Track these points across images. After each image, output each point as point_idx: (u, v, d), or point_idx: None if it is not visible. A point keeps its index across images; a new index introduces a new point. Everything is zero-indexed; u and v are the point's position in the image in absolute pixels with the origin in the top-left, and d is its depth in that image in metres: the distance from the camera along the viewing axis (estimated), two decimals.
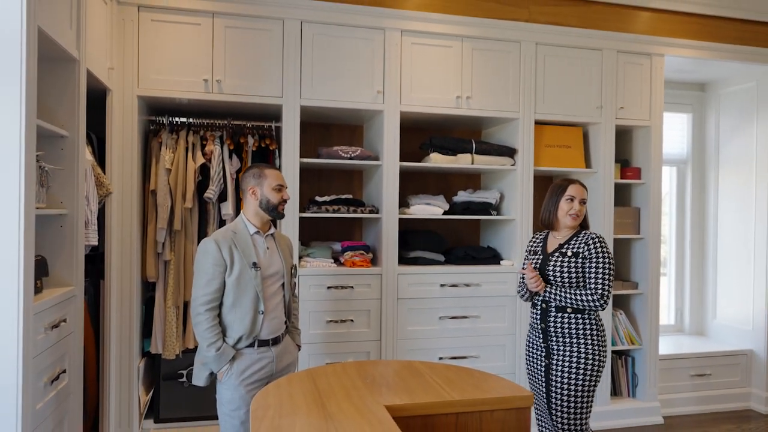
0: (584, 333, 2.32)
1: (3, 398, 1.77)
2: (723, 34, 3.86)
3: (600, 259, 2.32)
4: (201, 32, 3.06)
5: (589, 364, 2.31)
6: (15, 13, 1.77)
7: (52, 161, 2.25)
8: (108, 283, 2.94)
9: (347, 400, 1.59)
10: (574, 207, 2.40)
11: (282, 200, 2.29)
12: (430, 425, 1.60)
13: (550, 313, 2.39)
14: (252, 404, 1.55)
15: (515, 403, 1.66)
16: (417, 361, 2.05)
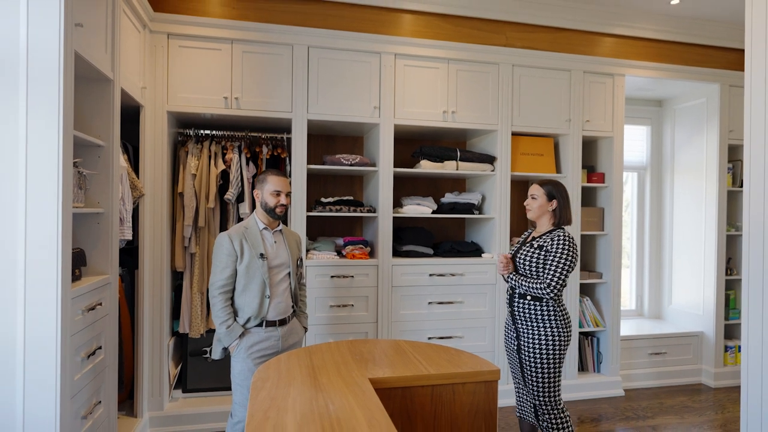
0: (544, 317, 2.28)
1: (44, 371, 1.77)
2: (677, 57, 3.82)
3: (558, 254, 2.25)
4: (222, 56, 3.05)
5: (551, 345, 2.26)
6: (53, 40, 1.77)
7: (89, 167, 2.25)
8: (142, 272, 2.93)
9: (337, 373, 1.57)
10: (528, 201, 2.41)
11: (278, 204, 2.26)
12: (409, 396, 1.58)
13: (515, 298, 2.37)
14: (253, 376, 1.54)
15: (484, 376, 1.64)
16: (402, 341, 2.03)
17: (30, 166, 1.75)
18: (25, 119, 1.74)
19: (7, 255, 1.73)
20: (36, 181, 1.75)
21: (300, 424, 1.19)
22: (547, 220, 2.41)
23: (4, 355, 1.74)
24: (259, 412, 1.26)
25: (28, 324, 1.75)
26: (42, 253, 1.76)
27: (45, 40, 1.75)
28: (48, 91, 1.76)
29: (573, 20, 3.58)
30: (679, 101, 4.32)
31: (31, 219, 1.75)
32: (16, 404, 1.75)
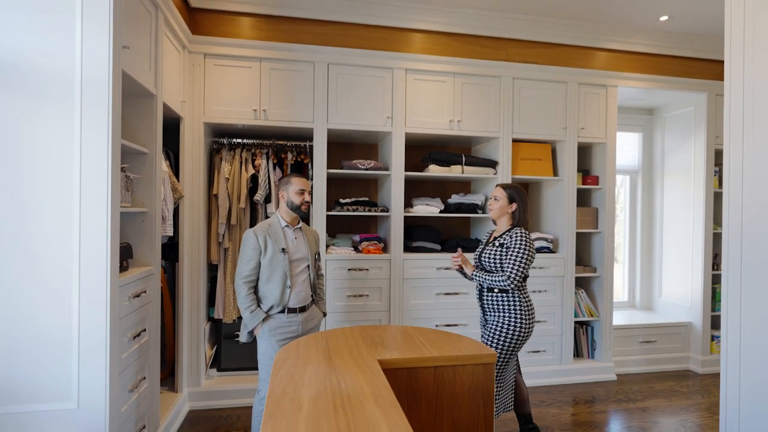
0: (510, 307, 2.29)
1: (96, 349, 1.83)
2: (666, 69, 3.74)
3: (516, 249, 2.26)
4: (251, 73, 3.10)
5: (512, 331, 2.27)
6: (103, 60, 1.82)
7: (135, 172, 2.32)
8: (182, 264, 2.99)
9: (349, 355, 1.59)
10: (491, 202, 2.42)
11: (303, 201, 2.30)
12: (414, 376, 1.59)
13: (484, 292, 2.39)
14: (275, 357, 1.57)
15: (482, 359, 1.64)
16: (410, 326, 2.04)
17: (84, 170, 1.81)
18: (80, 129, 1.80)
19: (65, 248, 1.80)
20: (88, 184, 1.81)
21: (314, 398, 1.21)
22: (506, 221, 2.41)
23: (63, 335, 1.80)
24: (278, 387, 1.29)
25: (82, 308, 1.81)
26: (93, 246, 1.81)
27: (96, 60, 1.81)
28: (99, 105, 1.81)
29: (569, 36, 3.54)
30: (668, 110, 4.23)
31: (85, 216, 1.81)
32: (72, 377, 1.81)
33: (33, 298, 1.77)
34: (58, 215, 1.79)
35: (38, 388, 1.79)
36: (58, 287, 1.79)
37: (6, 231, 1.75)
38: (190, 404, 3.05)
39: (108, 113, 1.83)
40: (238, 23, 3.10)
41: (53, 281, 1.79)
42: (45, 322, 1.78)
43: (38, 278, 1.78)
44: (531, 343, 3.52)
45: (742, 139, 1.53)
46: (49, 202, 1.78)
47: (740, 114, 1.53)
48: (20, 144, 1.76)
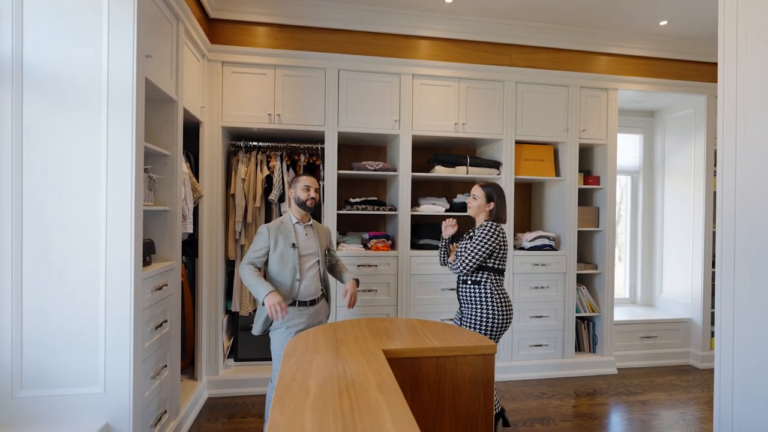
0: (482, 300, 2.27)
1: (120, 338, 1.88)
2: (667, 72, 3.69)
3: (476, 240, 2.26)
4: (266, 80, 3.14)
5: (487, 324, 2.25)
6: (128, 68, 1.87)
7: (157, 172, 2.37)
8: (201, 260, 3.05)
9: (356, 345, 1.61)
10: (469, 200, 2.41)
11: (308, 197, 2.33)
12: (417, 365, 1.61)
13: (459, 284, 2.37)
14: (286, 346, 1.60)
15: (482, 350, 1.65)
16: (414, 319, 2.05)
17: (110, 171, 1.86)
18: (106, 133, 1.86)
19: (93, 243, 1.85)
20: (114, 184, 1.87)
21: (321, 384, 1.24)
22: (483, 218, 2.39)
23: (91, 324, 1.86)
24: (288, 374, 1.31)
25: (109, 299, 1.87)
26: (119, 242, 1.87)
27: (121, 69, 1.86)
28: (123, 111, 1.87)
29: (571, 42, 3.51)
30: (669, 112, 4.18)
31: (111, 214, 1.86)
32: (99, 364, 1.87)
33: (64, 290, 1.83)
34: (87, 213, 1.85)
35: (69, 373, 1.85)
36: (87, 280, 1.85)
37: (40, 227, 1.81)
38: (209, 392, 3.10)
39: (132, 118, 1.88)
40: (254, 32, 3.14)
41: (82, 274, 1.85)
42: (75, 313, 1.84)
43: (69, 271, 1.83)
44: (533, 337, 3.51)
45: (735, 139, 1.51)
46: (79, 201, 1.84)
47: (733, 114, 1.51)
48: (54, 147, 1.82)
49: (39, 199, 1.81)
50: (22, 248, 1.80)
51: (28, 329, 1.81)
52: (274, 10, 3.12)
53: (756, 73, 1.50)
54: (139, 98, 1.91)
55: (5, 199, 1.79)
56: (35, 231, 1.81)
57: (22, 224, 1.80)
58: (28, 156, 1.80)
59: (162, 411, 2.27)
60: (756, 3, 1.51)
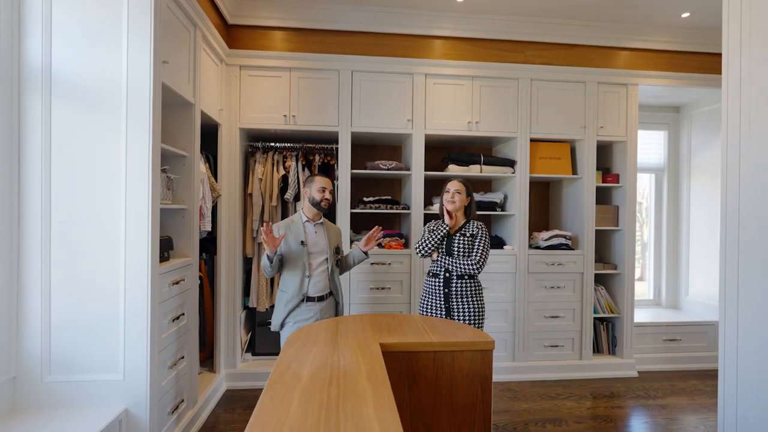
0: (474, 293, 2.42)
1: (138, 329, 2.00)
2: (691, 65, 3.57)
3: (483, 239, 2.43)
4: (282, 82, 3.24)
5: (480, 314, 2.42)
6: (145, 74, 1.99)
7: (175, 173, 2.49)
8: (219, 257, 3.17)
9: (354, 338, 1.66)
10: (448, 196, 2.47)
11: (323, 198, 2.39)
12: (414, 359, 1.63)
13: (452, 280, 2.42)
14: (288, 336, 1.66)
15: (480, 346, 1.66)
16: (417, 315, 2.08)
17: (129, 171, 1.98)
18: (125, 135, 1.98)
19: (114, 239, 1.97)
20: (133, 183, 1.98)
21: (313, 373, 1.29)
22: (462, 213, 2.51)
23: (112, 315, 1.98)
24: (284, 363, 1.37)
25: (128, 291, 1.98)
26: (137, 238, 1.98)
27: (139, 74, 1.98)
28: (141, 114, 1.98)
29: (588, 37, 3.45)
30: (695, 107, 4.03)
31: (130, 211, 1.98)
32: (119, 352, 1.99)
33: (88, 282, 1.96)
34: (108, 210, 1.97)
35: (92, 360, 1.98)
36: (108, 273, 1.97)
37: (66, 223, 1.95)
38: (227, 384, 3.22)
39: (149, 121, 1.99)
40: (271, 37, 3.24)
41: (104, 267, 1.97)
42: (97, 304, 1.97)
43: (92, 264, 1.96)
44: (549, 338, 3.46)
45: (739, 133, 1.47)
46: (102, 199, 1.97)
47: (737, 107, 1.46)
48: (78, 149, 1.95)
49: (65, 198, 1.95)
50: (50, 243, 1.94)
51: (56, 318, 1.95)
52: (290, 14, 3.21)
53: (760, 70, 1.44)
54: (155, 102, 2.02)
55: (35, 198, 1.93)
56: (62, 226, 1.95)
57: (50, 220, 1.94)
58: (55, 157, 1.94)
59: (179, 400, 2.39)
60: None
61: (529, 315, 3.43)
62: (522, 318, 3.42)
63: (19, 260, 1.93)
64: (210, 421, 2.71)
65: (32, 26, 1.93)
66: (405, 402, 1.62)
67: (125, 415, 1.98)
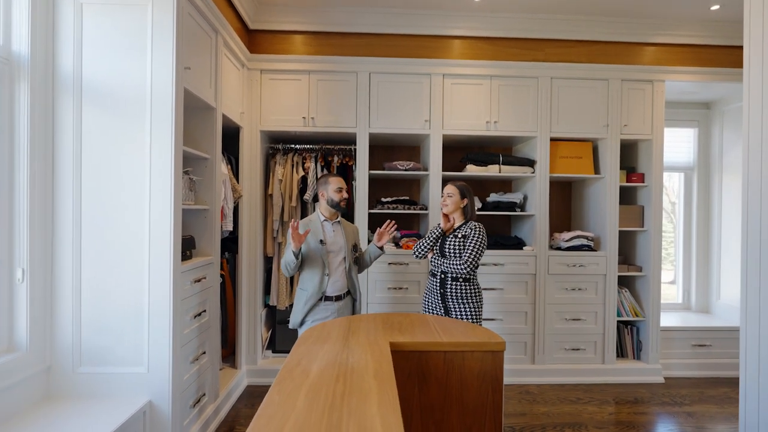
0: (471, 294, 2.43)
1: (161, 324, 2.08)
2: (721, 60, 3.43)
3: (475, 240, 2.40)
4: (301, 85, 3.30)
5: (477, 315, 2.43)
6: (168, 80, 2.07)
7: (198, 174, 2.58)
8: (241, 256, 3.26)
9: (365, 336, 1.68)
10: (445, 198, 2.52)
11: (341, 198, 2.43)
12: (424, 359, 1.65)
13: (447, 281, 2.44)
14: (302, 334, 1.70)
15: (491, 347, 1.66)
16: (430, 315, 2.09)
17: (152, 173, 2.07)
18: (149, 139, 2.07)
19: (138, 238, 2.07)
20: (156, 185, 2.07)
21: (322, 370, 1.32)
22: (459, 215, 2.53)
23: (137, 311, 2.08)
24: (294, 359, 1.41)
25: (152, 289, 2.08)
26: (160, 237, 2.07)
27: (162, 80, 2.07)
28: (164, 118, 2.07)
29: (610, 33, 3.37)
30: (727, 103, 3.87)
31: (153, 211, 2.07)
32: (143, 346, 2.08)
33: (115, 280, 2.06)
34: (133, 210, 2.07)
35: (119, 353, 2.08)
36: (133, 270, 2.07)
37: (95, 222, 2.05)
38: (248, 380, 3.31)
39: (171, 125, 2.07)
40: (291, 41, 3.31)
41: (130, 265, 2.07)
42: (124, 300, 2.07)
43: (119, 262, 2.06)
44: (569, 341, 3.40)
45: (761, 130, 1.41)
46: (127, 200, 2.06)
47: (759, 103, 1.41)
48: (106, 152, 2.06)
49: (94, 199, 2.06)
50: (81, 242, 2.05)
51: (86, 313, 2.06)
52: (309, 18, 3.27)
53: None
54: (177, 107, 2.11)
55: (66, 198, 2.05)
56: (91, 227, 2.06)
57: (81, 221, 2.05)
58: (86, 160, 2.05)
59: (201, 393, 2.47)
60: None
61: (549, 317, 3.38)
62: (542, 320, 3.37)
63: (53, 258, 2.05)
64: (230, 415, 2.80)
65: (65, 37, 2.04)
66: (415, 400, 1.64)
67: (149, 406, 2.07)
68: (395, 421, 1.01)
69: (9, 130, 1.90)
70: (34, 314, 1.98)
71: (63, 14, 2.04)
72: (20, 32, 1.92)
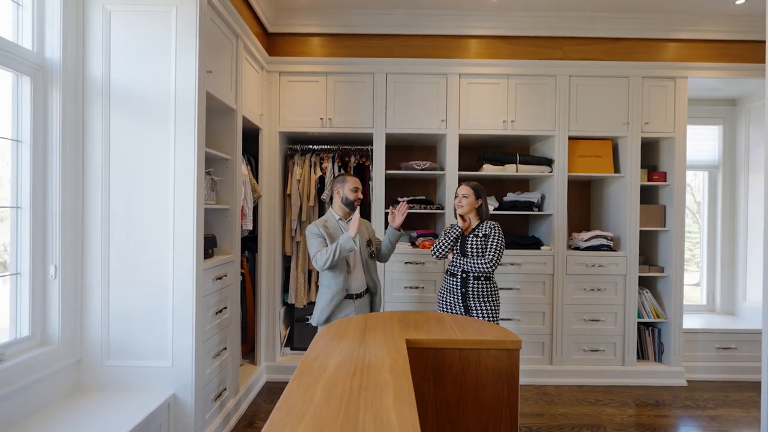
0: (492, 292, 2.49)
1: (184, 320, 2.15)
2: (747, 55, 3.34)
3: (496, 239, 2.46)
4: (319, 87, 3.35)
5: (497, 311, 2.49)
6: (191, 84, 2.14)
7: (219, 175, 2.65)
8: (260, 255, 3.33)
9: (382, 333, 1.71)
10: (456, 200, 2.56)
11: (356, 198, 2.46)
12: (440, 356, 1.66)
13: (469, 280, 2.47)
14: (319, 330, 1.74)
15: (506, 345, 1.67)
16: (446, 314, 2.10)
17: (176, 174, 2.15)
18: (173, 141, 2.14)
19: (163, 236, 2.15)
20: (180, 185, 2.15)
21: (339, 365, 1.36)
22: (474, 215, 2.56)
23: (163, 307, 2.15)
24: (312, 354, 1.45)
25: (176, 286, 2.15)
26: (183, 235, 2.14)
27: (185, 84, 2.14)
28: (187, 121, 2.14)
29: (631, 29, 3.32)
30: (754, 99, 3.76)
31: (177, 211, 2.15)
32: (168, 341, 2.16)
33: (142, 276, 2.14)
34: (159, 210, 2.14)
35: (145, 348, 2.16)
36: (159, 267, 2.15)
37: (123, 221, 2.14)
38: (267, 376, 3.38)
39: (194, 127, 2.14)
40: (309, 43, 3.37)
41: (155, 262, 2.15)
42: (149, 296, 2.15)
43: (145, 259, 2.14)
44: (588, 342, 3.36)
45: None
46: (154, 200, 2.14)
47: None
48: (133, 154, 2.14)
49: (122, 198, 2.14)
50: (109, 240, 2.14)
51: (114, 308, 2.15)
52: (327, 21, 3.32)
53: None
54: (200, 110, 2.18)
55: (96, 199, 2.14)
56: (119, 225, 2.14)
57: (109, 220, 2.14)
58: (114, 162, 2.14)
59: (222, 388, 2.55)
60: None
61: (567, 317, 3.35)
62: (560, 320, 3.34)
63: (83, 256, 2.14)
64: (250, 410, 2.86)
65: (94, 44, 2.13)
66: (430, 397, 1.66)
67: (173, 399, 2.15)
68: (410, 413, 1.03)
69: (43, 133, 2.00)
70: (65, 310, 2.07)
71: (92, 21, 2.14)
72: (52, 40, 2.01)
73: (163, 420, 2.08)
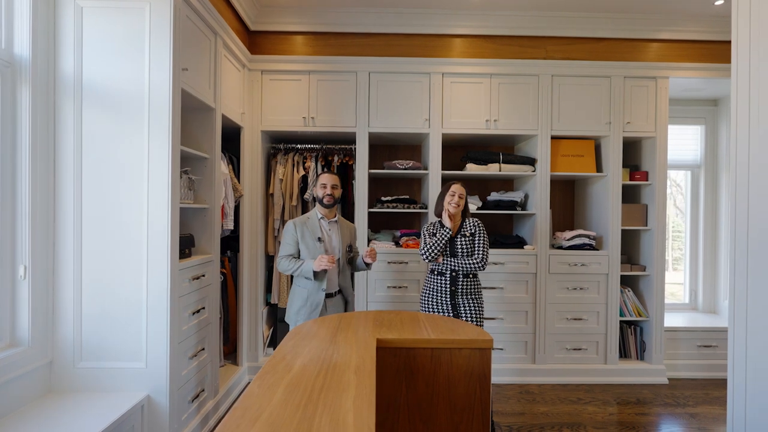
0: (478, 289, 2.55)
1: (158, 320, 2.12)
2: (726, 55, 3.37)
3: (482, 237, 2.52)
4: (301, 85, 3.33)
5: (482, 309, 2.54)
6: (165, 81, 2.12)
7: (197, 174, 2.62)
8: (242, 255, 3.30)
9: (353, 333, 1.70)
10: (454, 199, 2.52)
11: (325, 194, 2.45)
12: (412, 355, 1.66)
13: (459, 278, 2.49)
14: (291, 330, 1.73)
15: (478, 344, 1.66)
16: (420, 313, 2.10)
17: (150, 172, 2.12)
18: (147, 139, 2.11)
19: (138, 235, 2.11)
20: (154, 183, 2.12)
21: (305, 365, 1.34)
22: (459, 213, 2.59)
23: (136, 307, 2.12)
24: (279, 354, 1.44)
25: (150, 286, 2.12)
26: (157, 235, 2.12)
27: (159, 82, 2.11)
28: (161, 119, 2.11)
29: (613, 30, 3.33)
30: None
31: (152, 210, 2.12)
32: (142, 342, 2.13)
33: (115, 277, 2.11)
34: (133, 208, 2.11)
35: (119, 349, 2.13)
36: (133, 267, 2.12)
37: (96, 220, 2.11)
38: (249, 377, 3.35)
39: (168, 125, 2.12)
40: (291, 41, 3.35)
41: (130, 262, 2.11)
42: (123, 296, 2.12)
43: (119, 259, 2.11)
44: (570, 340, 3.37)
45: (748, 130, 1.39)
46: (127, 198, 2.11)
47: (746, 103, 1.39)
48: (106, 151, 2.11)
49: (94, 197, 2.11)
50: (82, 239, 2.11)
51: (86, 309, 2.12)
52: (309, 19, 3.30)
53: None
54: (175, 107, 2.15)
55: (67, 197, 2.10)
56: (92, 224, 2.11)
57: (82, 219, 2.11)
58: (86, 159, 2.11)
59: (200, 389, 2.52)
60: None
61: (550, 316, 3.36)
62: (542, 319, 3.35)
63: (54, 256, 2.11)
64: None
65: (65, 40, 2.10)
66: (402, 397, 1.65)
67: (147, 400, 2.12)
68: (368, 414, 1.02)
69: (12, 131, 1.97)
70: (35, 310, 2.04)
71: (64, 17, 2.10)
72: (22, 36, 1.98)
73: (136, 421, 2.05)
